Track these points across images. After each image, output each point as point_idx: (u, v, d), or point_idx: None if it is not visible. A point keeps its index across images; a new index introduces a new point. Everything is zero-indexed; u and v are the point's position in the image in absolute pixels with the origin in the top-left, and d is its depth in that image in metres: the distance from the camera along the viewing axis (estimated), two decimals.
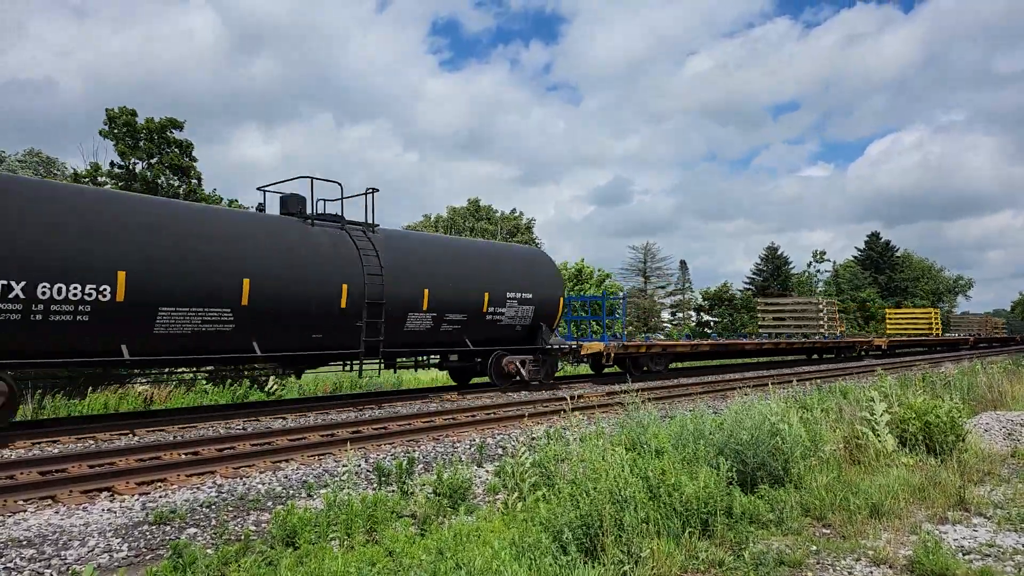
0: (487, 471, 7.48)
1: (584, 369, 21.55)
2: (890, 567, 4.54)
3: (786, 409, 7.09)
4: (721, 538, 4.88)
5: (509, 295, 15.96)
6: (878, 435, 7.27)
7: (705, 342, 23.74)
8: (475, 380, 17.69)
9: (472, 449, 8.94)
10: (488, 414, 12.23)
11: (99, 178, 24.40)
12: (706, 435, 6.28)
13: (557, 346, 17.29)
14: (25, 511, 6.11)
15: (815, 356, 30.66)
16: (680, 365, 23.49)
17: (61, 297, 9.52)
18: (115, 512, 6.06)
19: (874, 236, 72.68)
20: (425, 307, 14.17)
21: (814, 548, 4.87)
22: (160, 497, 6.57)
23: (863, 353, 31.57)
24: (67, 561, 4.82)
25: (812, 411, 9.31)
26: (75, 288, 9.63)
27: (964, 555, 4.75)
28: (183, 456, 8.25)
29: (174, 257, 10.70)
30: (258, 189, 14.08)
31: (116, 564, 4.80)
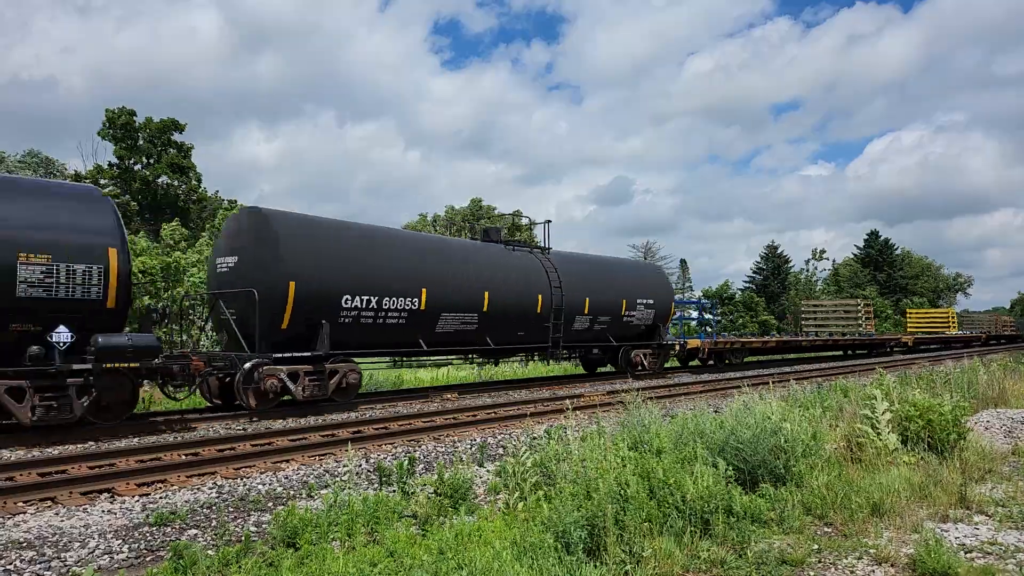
0: (488, 471, 7.47)
1: (672, 362, 24.91)
2: (892, 566, 4.53)
3: (787, 408, 7.09)
4: (722, 537, 4.87)
5: (639, 301, 20.49)
6: (879, 433, 7.26)
7: (772, 339, 28.20)
8: (600, 369, 21.99)
9: (473, 449, 8.94)
10: (489, 414, 12.23)
11: (100, 179, 24.39)
12: (707, 434, 6.27)
13: (670, 342, 21.78)
14: (25, 512, 6.10)
15: (849, 351, 33.68)
16: (752, 359, 27.85)
17: (393, 307, 14.19)
18: (115, 513, 6.05)
19: (874, 235, 72.72)
20: (586, 311, 18.84)
21: (816, 547, 4.87)
22: (160, 498, 6.56)
23: (891, 348, 34.53)
24: (67, 563, 4.81)
25: (812, 409, 9.31)
26: (400, 300, 14.29)
27: (966, 553, 4.75)
28: (183, 457, 8.24)
29: (450, 278, 15.44)
30: (486, 228, 19.30)
31: (116, 566, 4.79)
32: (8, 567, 4.68)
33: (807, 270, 65.70)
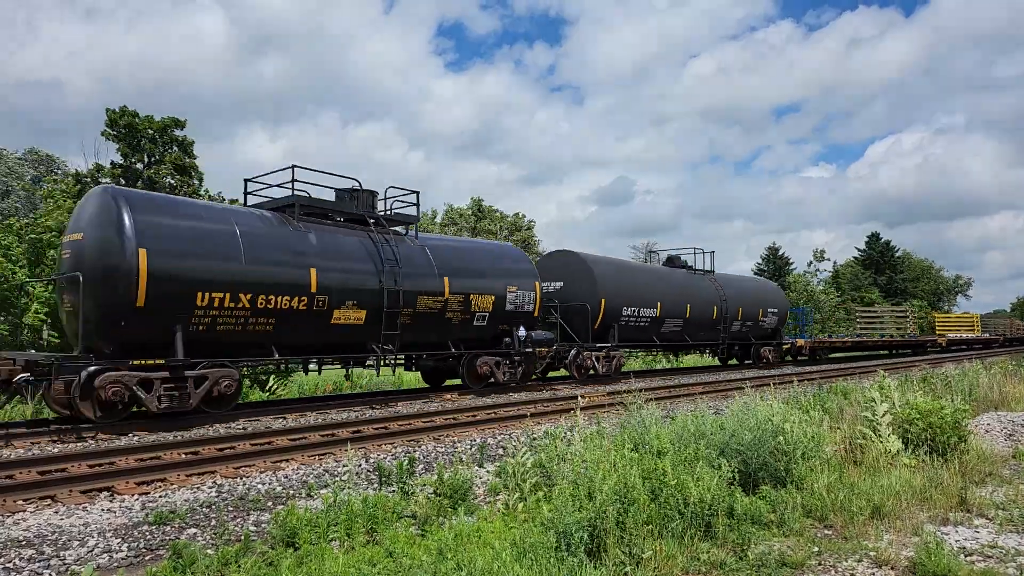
0: (488, 471, 7.47)
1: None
2: (892, 568, 4.52)
3: (788, 410, 7.08)
4: (723, 539, 4.86)
5: (768, 310, 27.83)
6: (880, 436, 7.25)
7: (848, 340, 35.80)
8: (731, 361, 28.78)
9: (473, 449, 8.93)
10: (489, 414, 12.21)
11: (102, 179, 24.39)
12: (707, 435, 6.26)
13: (787, 342, 29.33)
14: (24, 511, 6.09)
15: (896, 351, 40.39)
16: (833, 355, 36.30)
17: (643, 315, 21.50)
18: (115, 512, 6.04)
19: (874, 236, 72.60)
20: (739, 318, 26.10)
21: (816, 549, 4.86)
22: (160, 497, 6.55)
23: (928, 348, 41.15)
24: (66, 561, 4.80)
25: (812, 412, 9.30)
26: (646, 310, 21.60)
27: (966, 556, 4.74)
28: (183, 456, 8.23)
29: (672, 294, 22.88)
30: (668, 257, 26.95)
31: (116, 564, 4.78)
32: (7, 565, 4.67)
33: (809, 271, 65.59)
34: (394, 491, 6.23)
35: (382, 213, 15.07)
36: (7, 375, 9.83)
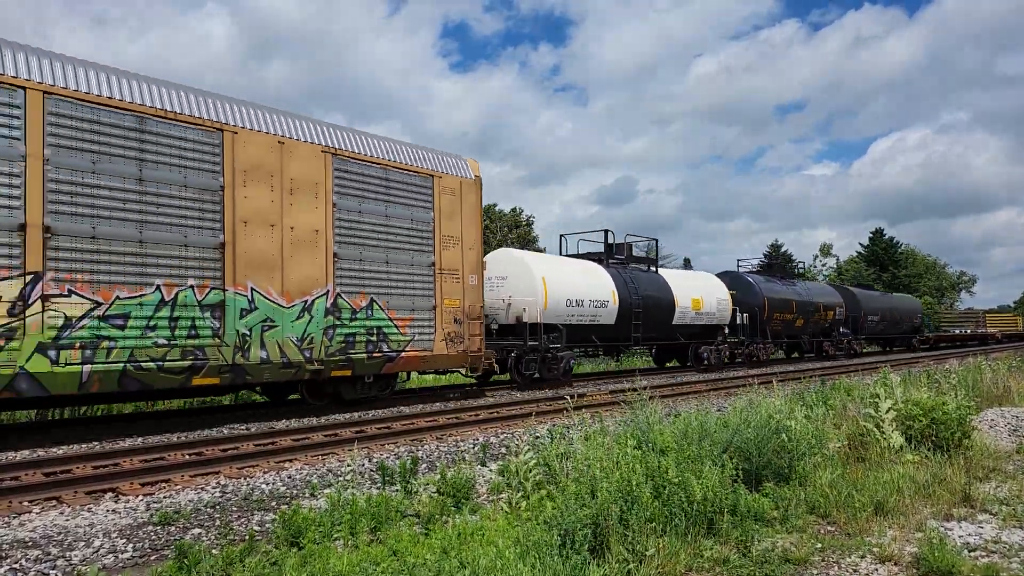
0: (491, 470, 7.48)
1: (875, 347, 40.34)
2: (895, 564, 4.53)
3: (791, 406, 7.08)
4: (726, 536, 4.87)
5: (914, 317, 39.92)
6: (883, 432, 7.25)
7: (946, 336, 46.00)
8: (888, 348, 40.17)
9: (476, 448, 8.94)
10: (491, 413, 12.22)
11: None
12: (711, 433, 6.26)
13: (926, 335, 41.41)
14: (30, 512, 6.12)
15: (968, 343, 47.41)
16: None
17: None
18: (120, 513, 6.06)
19: (878, 233, 72.45)
20: (878, 319, 35.41)
21: (819, 546, 4.86)
22: (164, 498, 6.58)
23: (989, 341, 48.43)
24: (72, 562, 4.82)
25: (817, 408, 9.29)
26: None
27: (970, 552, 4.74)
28: (187, 457, 8.26)
29: (871, 304, 35.29)
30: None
31: (121, 565, 4.80)
32: (14, 566, 4.69)
33: (815, 267, 65.54)
34: (397, 490, 6.25)
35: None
36: None
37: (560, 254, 22.26)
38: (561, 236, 22.61)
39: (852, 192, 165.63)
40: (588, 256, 21.80)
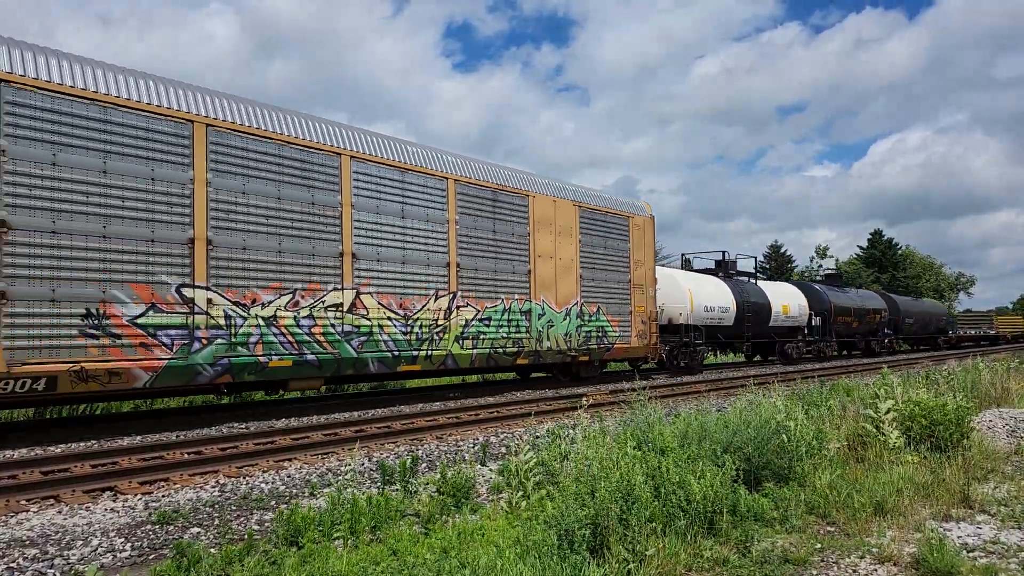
0: (491, 470, 7.47)
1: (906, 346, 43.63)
2: (894, 564, 4.53)
3: (791, 407, 7.08)
4: (726, 536, 4.87)
5: (940, 320, 44.11)
6: (882, 432, 7.25)
7: (965, 336, 48.91)
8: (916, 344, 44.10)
9: (476, 448, 8.93)
10: (492, 413, 12.22)
11: None
12: (711, 433, 6.26)
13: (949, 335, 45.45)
14: (28, 511, 6.11)
15: (983, 343, 50.86)
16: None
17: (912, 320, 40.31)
18: (118, 512, 6.06)
19: (877, 234, 72.51)
20: (912, 321, 39.19)
21: (819, 546, 4.86)
22: (163, 497, 6.57)
23: (1001, 341, 51.57)
24: (70, 561, 4.82)
25: (818, 408, 9.29)
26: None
27: (968, 552, 4.74)
28: (186, 455, 8.25)
29: (908, 309, 40.10)
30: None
31: (119, 564, 4.79)
32: (12, 565, 4.69)
33: (812, 268, 65.61)
34: (397, 490, 6.24)
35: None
36: None
37: (680, 267, 27.99)
38: (683, 256, 29.32)
39: (852, 193, 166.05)
40: (707, 271, 27.41)
